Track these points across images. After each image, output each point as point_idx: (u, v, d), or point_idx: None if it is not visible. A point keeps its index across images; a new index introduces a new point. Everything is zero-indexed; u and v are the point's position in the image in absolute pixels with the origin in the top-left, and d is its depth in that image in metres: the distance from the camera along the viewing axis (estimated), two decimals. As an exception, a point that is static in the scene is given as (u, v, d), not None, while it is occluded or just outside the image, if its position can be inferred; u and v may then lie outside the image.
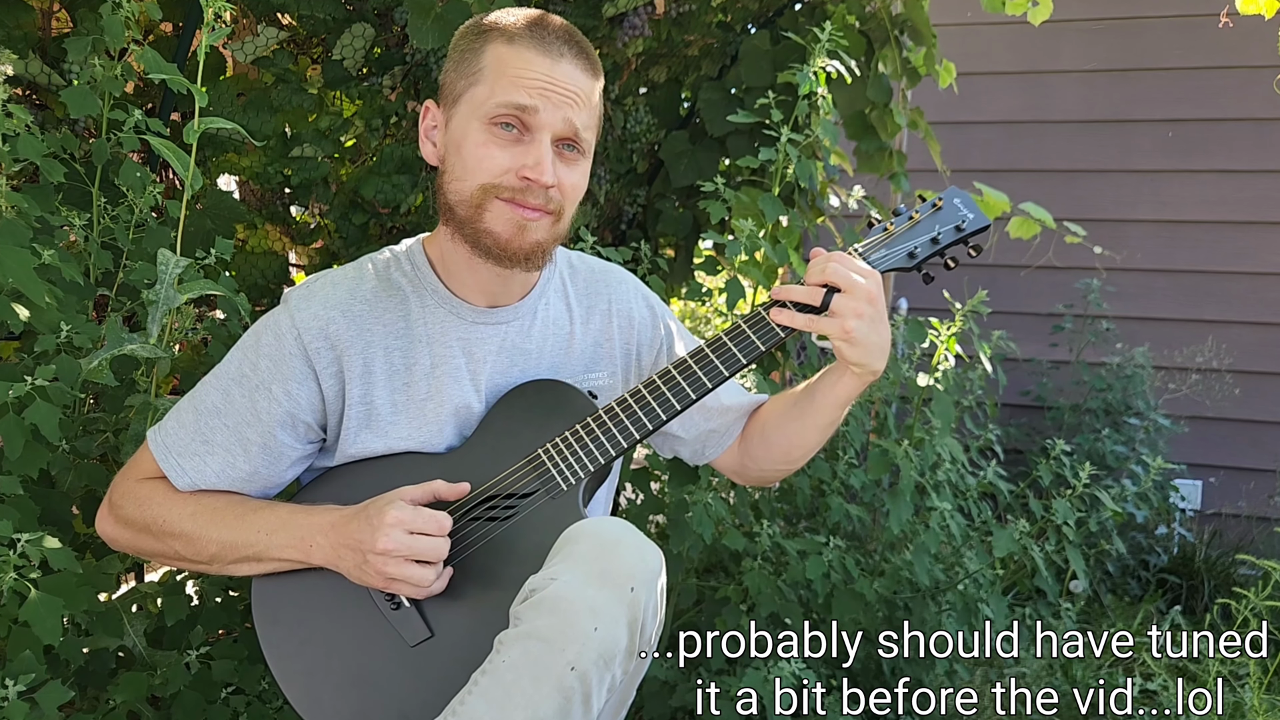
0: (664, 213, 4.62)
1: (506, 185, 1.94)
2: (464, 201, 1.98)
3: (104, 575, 2.34)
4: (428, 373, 2.06)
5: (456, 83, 1.99)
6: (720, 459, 2.46)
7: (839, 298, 1.94)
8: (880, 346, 2.00)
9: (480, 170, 1.94)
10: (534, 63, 1.93)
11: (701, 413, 2.36)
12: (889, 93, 4.22)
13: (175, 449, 2.01)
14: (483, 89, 1.94)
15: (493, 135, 1.93)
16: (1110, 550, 4.54)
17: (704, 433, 2.40)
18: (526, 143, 1.94)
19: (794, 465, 2.38)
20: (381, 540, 1.82)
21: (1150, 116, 6.23)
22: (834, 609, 3.27)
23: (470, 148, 1.95)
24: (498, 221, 1.96)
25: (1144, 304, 6.19)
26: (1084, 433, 5.77)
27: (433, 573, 1.87)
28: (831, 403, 2.15)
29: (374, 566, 1.84)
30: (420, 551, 1.84)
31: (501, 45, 1.95)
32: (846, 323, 1.93)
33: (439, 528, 1.86)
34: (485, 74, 1.95)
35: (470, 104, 1.96)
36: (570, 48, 1.97)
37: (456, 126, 1.99)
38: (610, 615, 1.70)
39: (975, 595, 3.59)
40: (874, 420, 4.07)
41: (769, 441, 2.35)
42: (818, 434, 2.25)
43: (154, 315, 2.26)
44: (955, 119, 6.26)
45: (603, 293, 2.31)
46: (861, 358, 1.98)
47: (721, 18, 4.59)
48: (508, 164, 1.93)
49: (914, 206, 2.17)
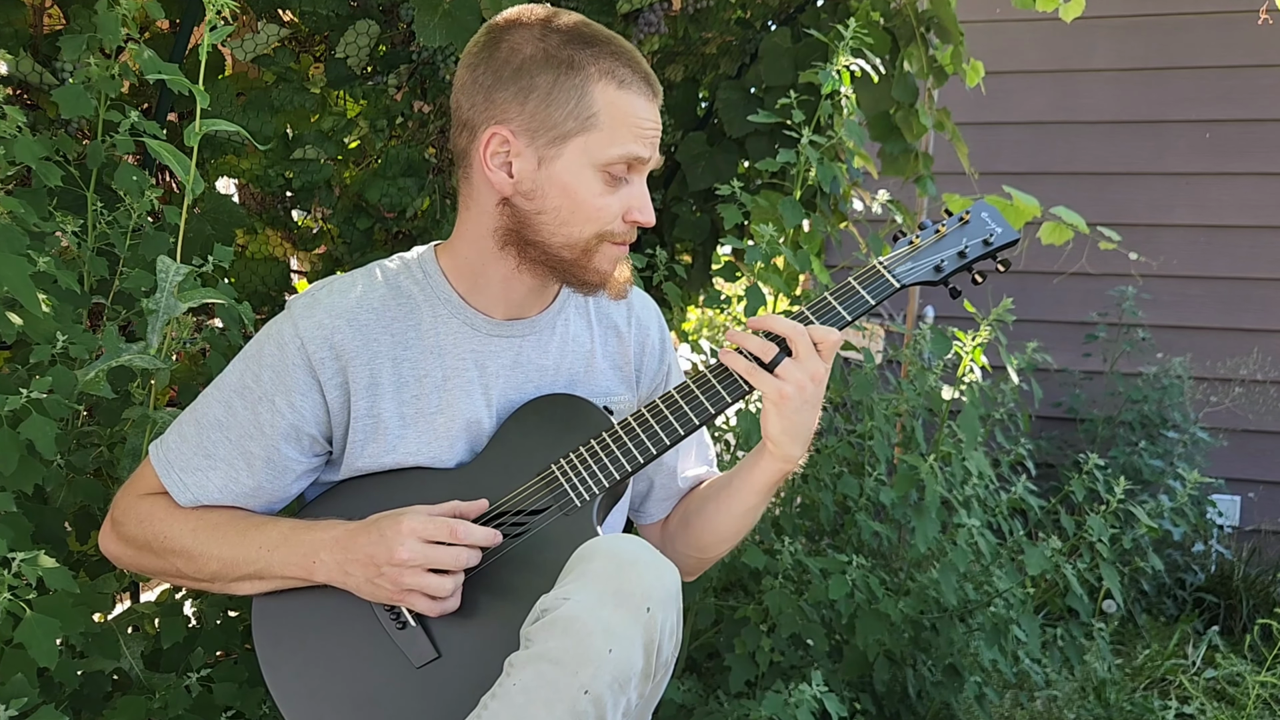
0: (681, 217, 4.62)
1: (617, 231, 2.00)
2: (572, 245, 2.00)
3: (99, 595, 2.34)
4: (439, 385, 2.06)
5: (563, 122, 1.94)
6: (648, 527, 2.48)
7: (787, 362, 1.95)
8: (803, 430, 2.03)
9: (597, 220, 1.98)
10: (645, 110, 1.98)
11: (654, 463, 2.32)
12: (915, 92, 4.21)
13: (177, 464, 2.02)
14: (601, 136, 1.94)
15: (607, 184, 1.97)
16: (1145, 568, 4.53)
17: (647, 484, 2.42)
18: (630, 183, 2.00)
19: (706, 556, 2.38)
20: (399, 550, 1.82)
21: (1186, 117, 6.23)
22: (858, 630, 3.26)
23: (588, 198, 1.97)
24: (606, 262, 2.03)
25: (1180, 312, 6.18)
26: (1118, 446, 5.76)
27: (451, 582, 1.87)
28: (749, 488, 2.17)
29: (390, 578, 1.84)
30: (439, 560, 1.84)
31: (613, 90, 1.95)
32: (785, 387, 1.94)
33: (451, 534, 1.85)
34: (601, 121, 1.94)
35: (584, 150, 1.95)
36: (654, 83, 2.02)
37: (566, 169, 1.96)
38: (625, 637, 1.69)
39: (1005, 615, 3.58)
40: (900, 434, 4.06)
41: (689, 523, 2.36)
42: (733, 521, 2.25)
43: (154, 325, 2.26)
44: (983, 120, 6.26)
45: (625, 313, 2.32)
46: (782, 433, 2.01)
47: (740, 14, 4.59)
48: (618, 210, 1.99)
49: (940, 219, 2.17)
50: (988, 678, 3.81)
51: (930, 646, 3.55)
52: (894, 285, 2.07)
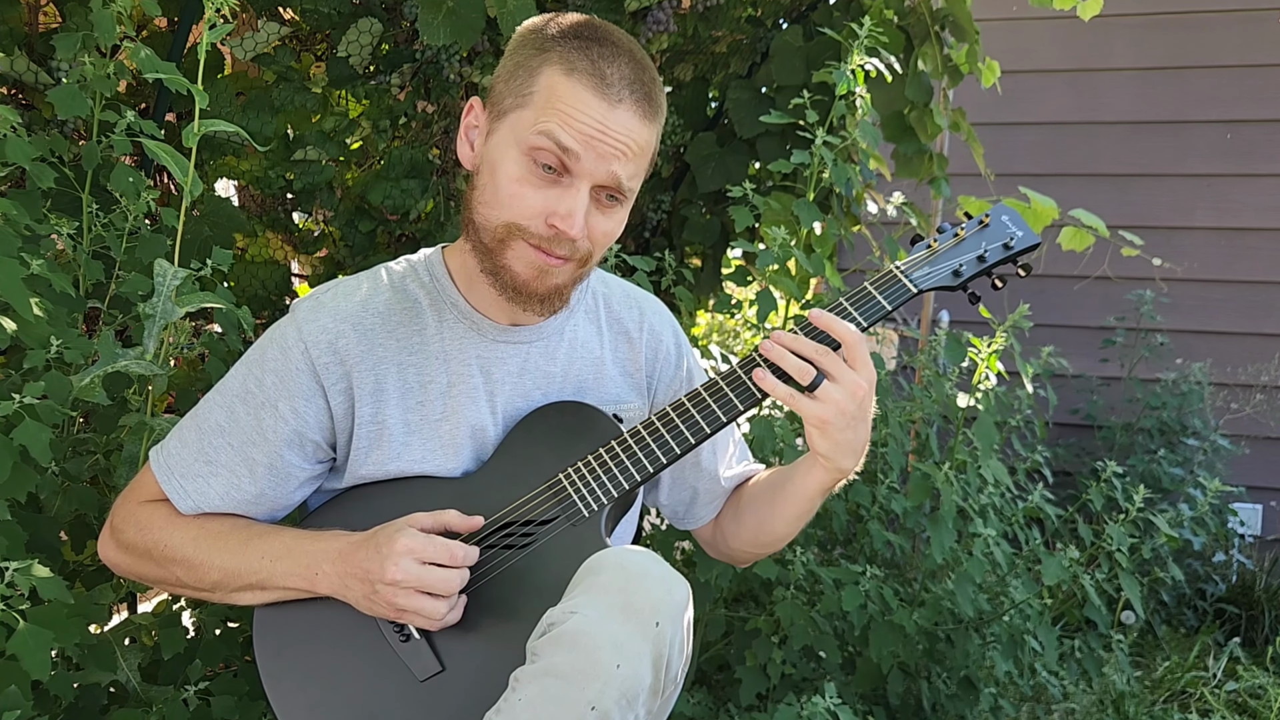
0: (690, 219, 4.61)
1: (534, 230, 1.92)
2: (489, 230, 1.96)
3: (95, 606, 2.32)
4: (444, 391, 2.05)
5: (506, 96, 1.95)
6: (698, 529, 2.47)
7: (828, 385, 1.93)
8: (853, 447, 2.00)
9: (509, 208, 1.92)
10: (588, 104, 1.88)
11: (693, 469, 2.36)
12: (929, 92, 4.20)
13: (178, 470, 2.01)
14: (529, 114, 1.90)
15: (529, 171, 1.90)
16: (1165, 578, 4.51)
17: (690, 491, 2.40)
18: (564, 186, 1.90)
19: (763, 550, 2.38)
20: (391, 570, 1.80)
21: (1208, 117, 6.21)
22: (871, 642, 3.25)
23: (504, 179, 1.92)
24: (518, 262, 1.95)
25: (1201, 317, 6.16)
26: (1137, 454, 5.75)
27: (445, 605, 1.85)
28: (801, 494, 2.15)
29: (383, 597, 1.83)
30: (431, 584, 1.82)
31: (559, 73, 1.89)
32: (825, 411, 1.92)
33: (451, 557, 1.84)
34: (535, 99, 1.90)
35: (514, 127, 1.92)
36: (632, 91, 1.91)
37: (495, 145, 1.95)
38: (634, 652, 1.68)
39: (1022, 627, 3.57)
40: (914, 441, 4.05)
41: (741, 519, 2.35)
42: (785, 526, 2.24)
43: (150, 330, 2.25)
44: (1000, 120, 6.25)
45: (636, 319, 2.30)
46: (830, 451, 1.98)
47: (751, 12, 4.58)
48: (539, 208, 1.90)
49: (959, 223, 2.16)
50: (1004, 690, 3.80)
51: (945, 658, 3.54)
52: (911, 290, 2.06)
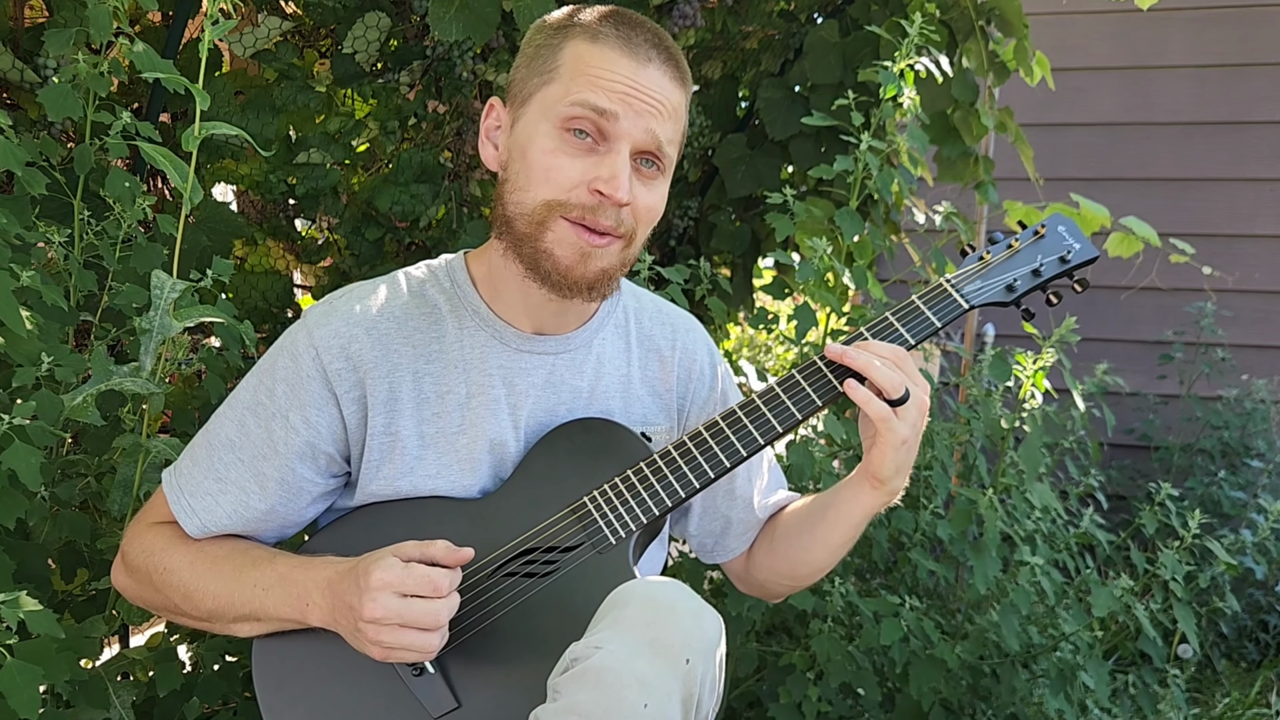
0: (719, 226, 4.60)
1: (575, 202, 1.91)
2: (525, 216, 1.95)
3: (87, 639, 2.31)
4: (462, 403, 2.04)
5: (528, 80, 1.98)
6: (730, 562, 2.46)
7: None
8: (910, 463, 2.04)
9: (547, 182, 1.92)
10: (618, 64, 1.91)
11: (726, 496, 2.35)
12: (974, 91, 4.18)
13: (188, 489, 2.01)
14: (557, 88, 1.92)
15: (564, 142, 1.91)
16: (1224, 609, 4.49)
17: (723, 521, 2.38)
18: (602, 153, 1.91)
19: (801, 583, 2.38)
20: (369, 606, 1.76)
21: (1269, 118, 6.19)
22: (912, 678, 3.24)
23: (537, 154, 1.92)
24: (560, 245, 1.94)
25: (1264, 330, 6.14)
26: (1195, 476, 5.73)
27: (436, 639, 1.80)
28: (848, 520, 2.15)
29: (366, 636, 1.78)
30: (413, 619, 1.77)
31: (583, 42, 1.93)
32: (905, 429, 1.94)
33: (434, 589, 1.78)
34: (561, 72, 1.93)
35: (542, 104, 1.94)
36: (659, 52, 1.95)
37: (524, 129, 1.96)
38: (662, 691, 1.66)
39: (1072, 661, 3.55)
40: (959, 464, 4.03)
41: (776, 550, 2.35)
42: (828, 554, 2.24)
43: (146, 345, 2.25)
44: (1049, 120, 6.24)
45: (669, 336, 2.29)
46: (894, 472, 2.00)
47: (784, 6, 4.58)
48: (579, 176, 1.90)
49: (1012, 233, 2.15)
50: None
51: (990, 695, 3.52)
52: (963, 306, 2.06)
